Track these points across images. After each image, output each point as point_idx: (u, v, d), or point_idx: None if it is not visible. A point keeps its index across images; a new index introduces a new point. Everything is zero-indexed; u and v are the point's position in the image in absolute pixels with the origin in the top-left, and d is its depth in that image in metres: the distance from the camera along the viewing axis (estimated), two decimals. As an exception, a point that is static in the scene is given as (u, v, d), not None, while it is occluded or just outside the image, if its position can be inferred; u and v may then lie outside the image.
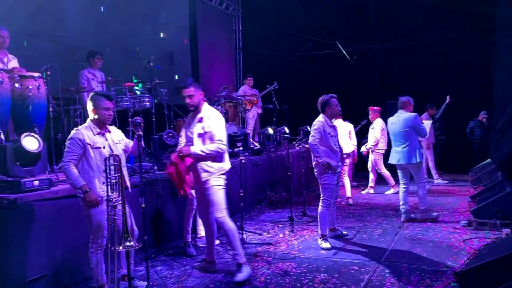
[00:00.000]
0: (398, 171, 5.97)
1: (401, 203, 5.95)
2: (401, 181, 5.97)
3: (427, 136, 6.48)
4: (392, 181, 8.01)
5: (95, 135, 3.56)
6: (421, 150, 5.88)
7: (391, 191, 8.02)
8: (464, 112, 9.76)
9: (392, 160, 5.91)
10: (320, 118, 4.99)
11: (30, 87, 4.50)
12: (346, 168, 7.28)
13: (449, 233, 5.22)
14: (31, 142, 4.00)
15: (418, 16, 10.48)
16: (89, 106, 3.61)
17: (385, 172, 8.04)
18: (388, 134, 6.50)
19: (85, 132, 3.52)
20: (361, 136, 10.63)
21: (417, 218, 5.91)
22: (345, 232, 5.37)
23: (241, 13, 12.90)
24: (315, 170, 5.05)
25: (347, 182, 7.38)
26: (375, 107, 8.43)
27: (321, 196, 4.99)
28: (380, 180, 8.49)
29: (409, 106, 5.84)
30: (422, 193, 5.88)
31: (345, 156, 6.55)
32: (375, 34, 11.04)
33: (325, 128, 4.89)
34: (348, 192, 7.37)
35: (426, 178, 6.65)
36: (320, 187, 5.02)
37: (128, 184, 3.73)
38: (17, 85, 4.45)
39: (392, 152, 5.93)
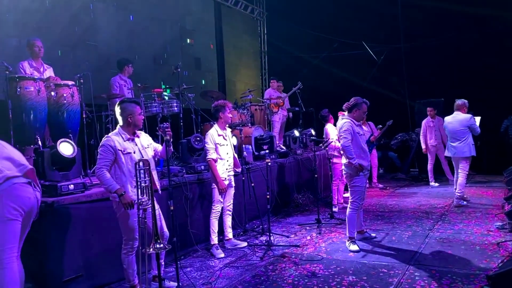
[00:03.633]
0: (454, 163, 6.90)
1: (455, 188, 6.83)
2: (455, 171, 6.85)
3: (478, 134, 6.80)
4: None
5: (125, 141, 3.68)
6: (474, 146, 6.65)
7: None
8: (498, 111, 9.42)
9: (448, 153, 6.87)
10: (346, 118, 4.96)
11: (64, 95, 4.72)
12: None
13: (482, 236, 5.07)
14: (66, 148, 4.19)
15: (447, 14, 10.22)
16: (123, 112, 3.70)
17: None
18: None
19: (115, 138, 3.64)
20: (390, 137, 10.51)
21: (454, 204, 6.76)
22: (373, 235, 5.31)
23: (265, 17, 12.99)
24: (344, 171, 5.02)
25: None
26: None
27: (350, 198, 4.96)
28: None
29: (464, 108, 6.71)
30: (462, 181, 6.73)
31: None
32: (402, 33, 10.85)
33: (353, 128, 4.85)
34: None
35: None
36: (349, 189, 4.99)
37: (158, 186, 3.84)
38: (52, 93, 4.68)
39: (448, 147, 6.86)
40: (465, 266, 4.08)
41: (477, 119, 7.52)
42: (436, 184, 8.84)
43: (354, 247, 4.79)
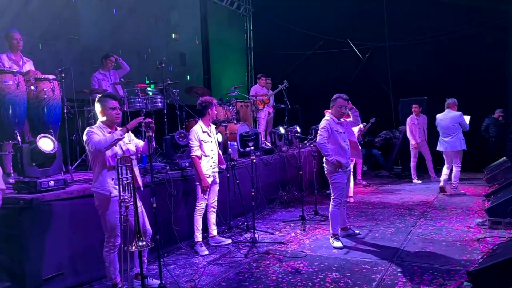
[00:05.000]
0: (444, 156, 7.54)
1: (442, 177, 7.61)
2: (446, 163, 7.53)
3: (467, 130, 7.39)
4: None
5: (106, 134, 3.61)
6: (464, 140, 7.27)
7: None
8: (479, 109, 9.59)
9: (440, 148, 7.48)
10: (327, 116, 5.00)
11: (45, 89, 4.60)
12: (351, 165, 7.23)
13: (463, 232, 5.16)
14: (46, 143, 4.09)
15: (431, 13, 10.35)
16: (97, 108, 3.66)
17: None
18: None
19: (97, 130, 3.57)
20: (374, 135, 10.61)
21: (450, 192, 7.44)
22: (357, 231, 5.36)
23: (252, 13, 12.93)
24: (325, 169, 5.05)
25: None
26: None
27: (331, 195, 4.98)
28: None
29: (454, 106, 7.35)
30: (457, 173, 7.39)
31: None
32: (387, 31, 10.94)
33: (331, 125, 4.88)
34: (351, 191, 7.30)
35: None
36: (330, 186, 5.02)
37: (140, 183, 3.78)
38: (32, 87, 4.56)
39: (440, 141, 7.46)
40: (446, 262, 4.14)
41: (467, 118, 7.86)
42: (419, 181, 8.97)
43: (338, 244, 4.81)
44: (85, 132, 3.56)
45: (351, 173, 7.03)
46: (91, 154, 3.56)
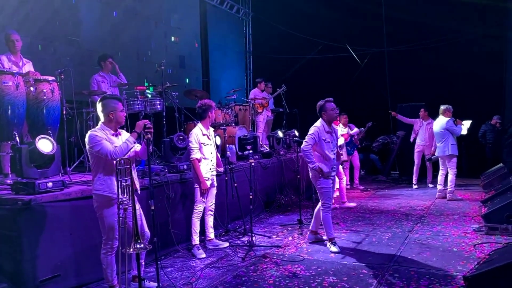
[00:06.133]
0: (440, 161, 7.72)
1: (438, 183, 7.79)
2: (440, 167, 7.72)
3: (461, 134, 7.60)
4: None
5: (110, 135, 3.62)
6: (455, 146, 7.43)
7: None
8: (476, 115, 9.63)
9: (436, 153, 7.84)
10: (318, 123, 4.98)
11: (44, 90, 4.59)
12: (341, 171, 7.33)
13: (459, 238, 5.18)
14: (45, 145, 4.09)
15: (429, 19, 10.41)
16: (104, 109, 3.63)
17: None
18: None
19: (101, 134, 3.58)
20: (372, 139, 10.63)
21: (446, 197, 7.60)
22: (324, 237, 5.18)
23: (251, 17, 12.99)
24: (310, 174, 5.05)
25: (342, 184, 7.45)
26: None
27: (320, 200, 4.99)
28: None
29: (447, 112, 7.57)
30: (452, 178, 7.49)
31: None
32: (385, 37, 11.00)
33: (320, 134, 4.87)
34: (343, 196, 7.44)
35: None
36: (317, 191, 5.02)
37: (138, 186, 3.78)
38: (32, 88, 4.55)
39: (436, 147, 7.79)
40: (442, 268, 4.15)
41: (468, 122, 8.04)
42: (416, 186, 9.00)
43: (335, 248, 4.82)
44: (88, 135, 3.55)
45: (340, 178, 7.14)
46: (94, 157, 3.56)
